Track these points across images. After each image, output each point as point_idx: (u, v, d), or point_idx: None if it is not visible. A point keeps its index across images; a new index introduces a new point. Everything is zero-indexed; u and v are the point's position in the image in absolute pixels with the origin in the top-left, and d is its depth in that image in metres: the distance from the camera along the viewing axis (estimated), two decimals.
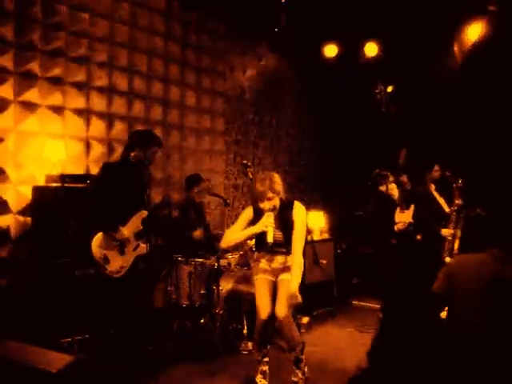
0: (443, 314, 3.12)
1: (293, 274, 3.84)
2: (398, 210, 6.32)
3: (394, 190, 6.52)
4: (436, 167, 6.13)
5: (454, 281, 2.94)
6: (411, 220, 6.17)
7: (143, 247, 4.45)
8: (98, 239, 4.26)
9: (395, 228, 6.27)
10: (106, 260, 4.25)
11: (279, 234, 4.02)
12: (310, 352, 4.46)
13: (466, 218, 5.15)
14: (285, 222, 4.00)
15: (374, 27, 7.59)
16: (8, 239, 4.98)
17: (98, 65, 5.82)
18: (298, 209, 4.01)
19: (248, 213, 4.10)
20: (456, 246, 5.42)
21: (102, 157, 5.82)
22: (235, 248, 5.51)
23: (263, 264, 4.17)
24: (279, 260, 4.12)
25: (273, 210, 3.93)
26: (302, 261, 3.93)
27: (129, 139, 4.58)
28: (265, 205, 3.91)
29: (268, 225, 3.86)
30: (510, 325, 2.75)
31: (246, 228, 4.06)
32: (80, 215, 4.59)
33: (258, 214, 4.02)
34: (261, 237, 4.00)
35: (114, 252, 4.30)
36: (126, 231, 4.36)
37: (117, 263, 4.30)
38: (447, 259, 5.41)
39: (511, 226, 3.03)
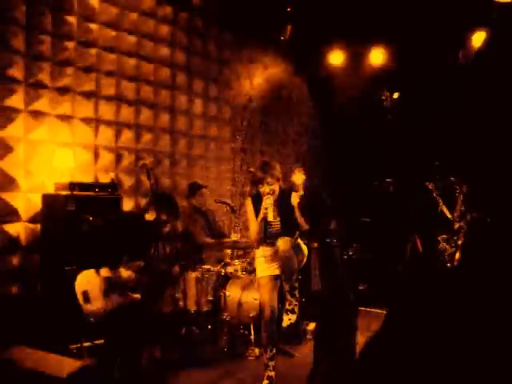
0: None
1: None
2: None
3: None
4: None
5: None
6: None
7: (133, 296, 4.24)
8: (83, 275, 4.11)
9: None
10: (87, 298, 4.05)
11: (277, 223, 4.25)
12: None
13: (470, 224, 5.12)
14: (284, 208, 4.23)
15: (381, 34, 7.64)
16: (18, 246, 5.05)
17: (105, 74, 5.90)
18: (296, 196, 4.28)
19: (250, 204, 4.32)
20: (457, 254, 5.31)
21: (110, 165, 5.90)
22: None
23: (266, 251, 4.27)
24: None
25: (272, 194, 4.16)
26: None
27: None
28: (264, 188, 4.15)
29: (268, 206, 4.08)
30: None
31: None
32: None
33: (256, 201, 4.24)
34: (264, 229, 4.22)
35: (98, 291, 4.09)
36: (105, 272, 4.17)
37: (98, 303, 4.08)
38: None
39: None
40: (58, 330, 4.57)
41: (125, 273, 4.15)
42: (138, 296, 4.23)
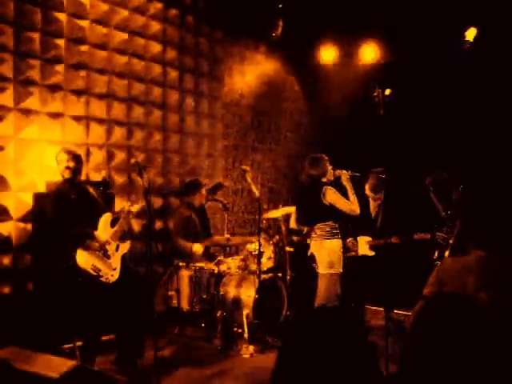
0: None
1: None
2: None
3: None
4: (437, 171, 6.04)
5: (445, 286, 2.92)
6: None
7: (125, 245, 4.55)
8: (80, 253, 4.25)
9: None
10: (98, 269, 4.28)
11: None
12: None
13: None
14: None
15: (373, 30, 7.63)
16: (9, 246, 5.01)
17: (96, 71, 5.85)
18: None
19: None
20: (447, 252, 5.30)
21: (102, 163, 5.86)
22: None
23: None
24: None
25: None
26: None
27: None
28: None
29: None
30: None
31: None
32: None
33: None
34: None
35: (101, 259, 4.33)
36: (102, 235, 4.39)
37: (108, 268, 4.35)
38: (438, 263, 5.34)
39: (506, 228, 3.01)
40: (50, 330, 4.55)
41: (104, 231, 4.42)
42: (127, 242, 4.60)
